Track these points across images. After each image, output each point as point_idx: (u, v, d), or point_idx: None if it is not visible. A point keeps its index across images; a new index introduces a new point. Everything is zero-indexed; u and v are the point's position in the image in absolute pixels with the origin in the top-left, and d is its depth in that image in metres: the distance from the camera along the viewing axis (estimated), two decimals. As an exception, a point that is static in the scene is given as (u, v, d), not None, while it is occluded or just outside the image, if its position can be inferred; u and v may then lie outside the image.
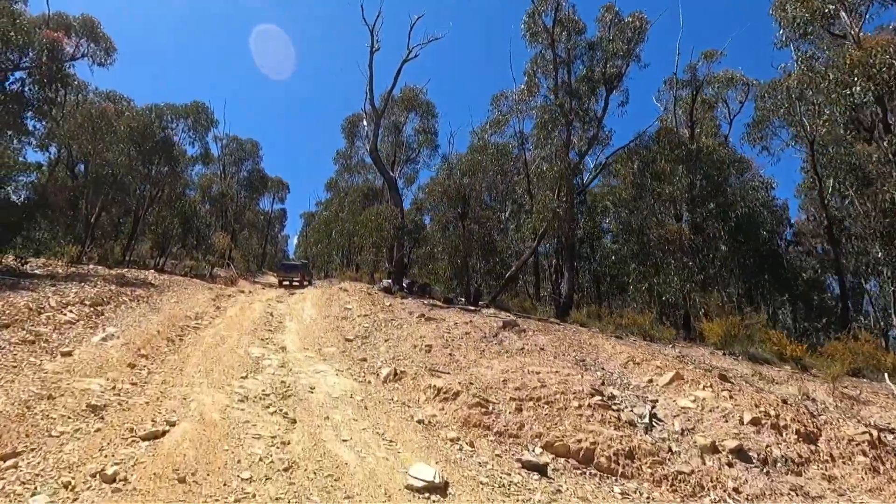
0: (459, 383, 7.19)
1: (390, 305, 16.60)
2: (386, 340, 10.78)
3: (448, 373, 8.16)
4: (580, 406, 6.95)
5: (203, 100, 28.24)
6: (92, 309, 9.94)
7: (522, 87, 19.35)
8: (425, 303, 16.42)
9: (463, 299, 17.62)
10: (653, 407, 7.70)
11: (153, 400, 5.95)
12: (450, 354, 9.03)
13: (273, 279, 34.17)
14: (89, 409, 5.38)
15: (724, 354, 12.26)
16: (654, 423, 7.18)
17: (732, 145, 21.71)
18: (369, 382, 8.04)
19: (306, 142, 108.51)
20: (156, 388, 6.39)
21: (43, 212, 19.17)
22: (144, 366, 7.24)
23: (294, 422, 5.89)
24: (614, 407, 7.31)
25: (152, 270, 18.20)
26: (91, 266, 18.63)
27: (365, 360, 9.55)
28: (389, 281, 22.87)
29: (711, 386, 8.36)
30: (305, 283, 30.67)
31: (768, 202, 23.09)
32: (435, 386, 7.18)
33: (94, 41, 21.32)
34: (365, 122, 26.98)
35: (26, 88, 15.74)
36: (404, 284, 22.38)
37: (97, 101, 27.83)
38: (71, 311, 9.10)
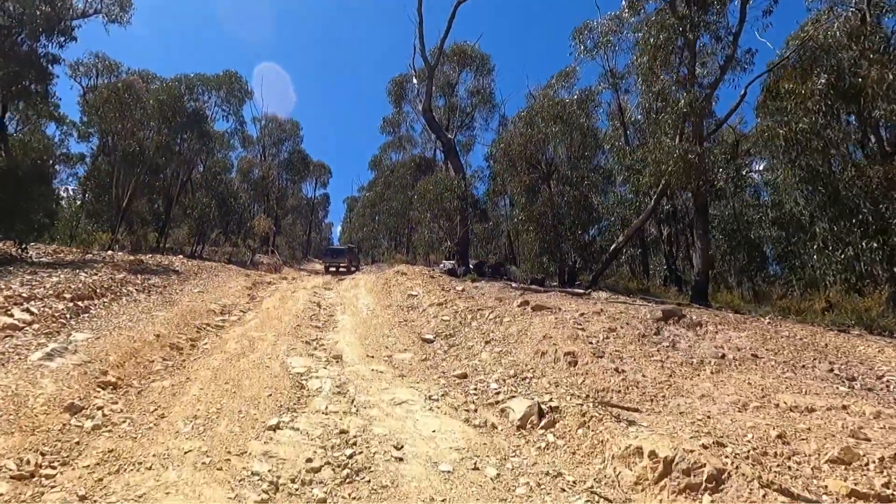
0: (690, 446, 3.45)
1: (464, 290, 13.04)
2: (487, 342, 7.19)
3: (637, 409, 4.45)
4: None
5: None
6: (69, 305, 6.94)
7: (623, 5, 14.93)
8: (513, 286, 12.74)
9: (556, 281, 13.80)
10: None
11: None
12: (615, 370, 5.30)
13: (319, 266, 31.70)
14: None
15: None
16: None
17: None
18: (494, 428, 4.47)
19: (347, 126, 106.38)
20: (76, 482, 3.04)
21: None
22: (95, 411, 3.98)
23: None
24: None
25: (180, 256, 15.65)
26: (118, 253, 16.21)
27: (465, 376, 6.00)
28: (452, 262, 19.34)
29: None
30: (353, 268, 27.91)
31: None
32: (638, 449, 3.48)
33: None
34: (415, 81, 23.27)
35: (24, 43, 13.14)
36: (471, 265, 18.80)
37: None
38: (27, 310, 6.09)
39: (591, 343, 6.30)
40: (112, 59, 29.18)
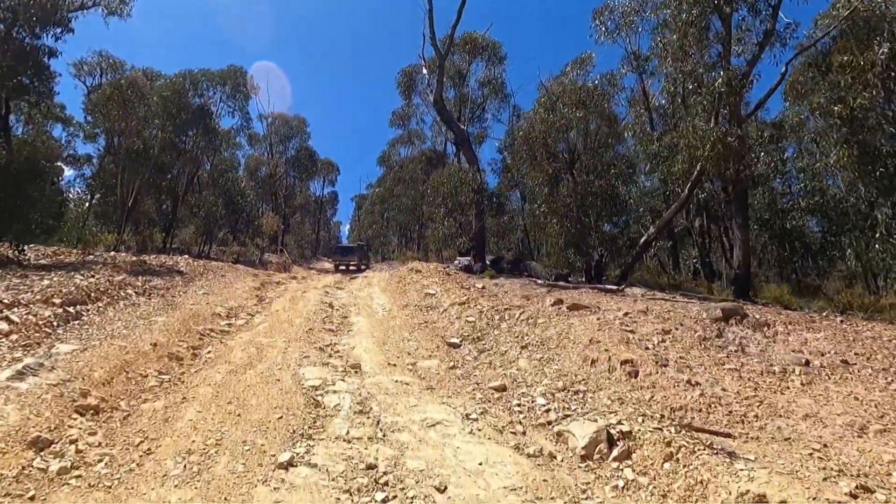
0: (833, 494, 2.62)
1: (484, 288, 12.24)
2: (523, 347, 6.38)
3: (729, 434, 3.63)
4: None
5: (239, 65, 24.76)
6: (58, 311, 6.25)
7: (649, -21, 13.95)
8: (538, 283, 11.91)
9: (582, 276, 12.94)
10: None
11: None
12: (687, 382, 4.48)
13: (328, 265, 31.09)
14: None
15: None
16: None
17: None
18: (553, 459, 3.67)
19: (354, 124, 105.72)
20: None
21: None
22: (67, 447, 3.23)
23: None
24: None
25: (185, 256, 15.02)
26: (122, 254, 15.63)
27: (504, 388, 5.20)
28: (468, 258, 18.54)
29: None
30: (363, 266, 27.25)
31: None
32: (761, 498, 2.65)
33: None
34: (425, 71, 22.44)
35: (19, 36, 12.50)
36: (488, 261, 17.98)
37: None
38: (6, 318, 5.39)
39: (646, 348, 5.46)
40: (116, 57, 28.67)
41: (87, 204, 29.80)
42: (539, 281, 12.18)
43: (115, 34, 41.63)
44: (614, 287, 10.17)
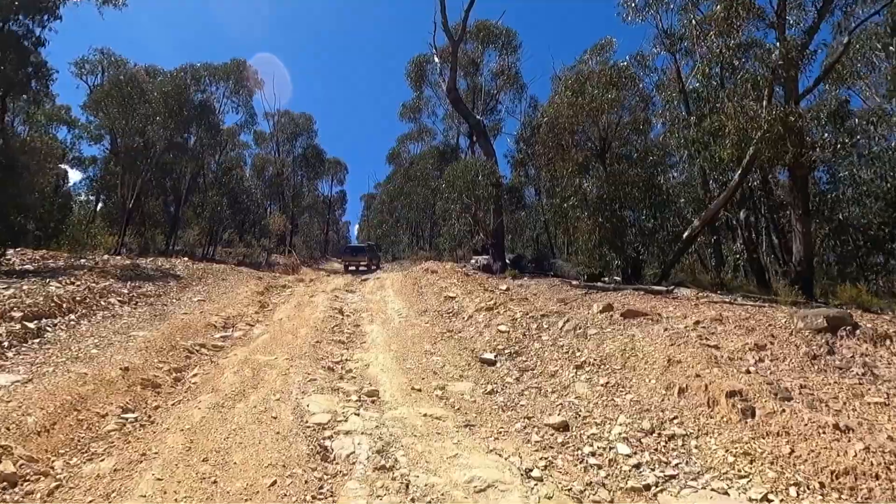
0: None
1: (509, 290, 11.04)
2: (577, 367, 5.16)
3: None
4: None
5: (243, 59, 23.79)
6: (13, 328, 5.18)
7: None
8: (573, 284, 10.68)
9: (618, 276, 11.66)
10: None
11: None
12: (833, 426, 3.23)
13: (338, 265, 30.10)
14: None
15: None
16: None
17: None
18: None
19: (361, 123, 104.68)
20: None
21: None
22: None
23: None
24: None
25: (185, 259, 14.02)
26: (117, 257, 14.69)
27: (566, 427, 4.00)
28: (486, 257, 17.34)
29: None
30: (373, 266, 26.22)
31: None
32: None
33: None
34: (437, 59, 21.25)
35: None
36: (508, 260, 16.77)
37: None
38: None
39: (747, 371, 4.22)
40: (118, 54, 27.89)
41: (93, 207, 29.21)
42: (573, 282, 10.94)
43: (116, 33, 41.01)
44: (662, 288, 8.89)
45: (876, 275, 11.88)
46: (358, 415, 4.31)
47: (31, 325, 5.38)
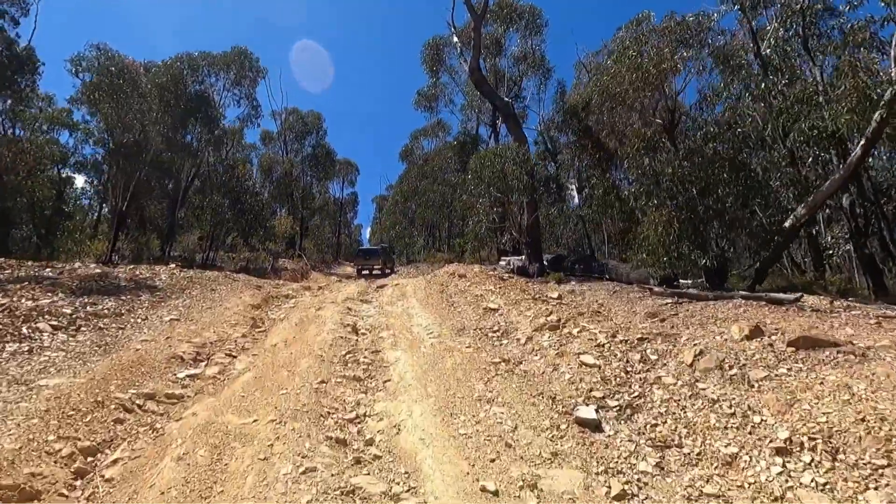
0: None
1: (560, 298, 8.82)
2: (776, 452, 2.91)
3: None
4: None
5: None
6: None
7: None
8: (656, 291, 8.39)
9: (696, 278, 9.32)
10: None
11: None
12: None
13: (350, 269, 28.13)
14: None
15: None
16: None
17: None
18: None
19: (371, 124, 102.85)
20: None
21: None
22: None
23: None
24: None
25: (173, 266, 12.07)
26: (93, 265, 12.77)
27: None
28: (518, 258, 15.10)
29: None
30: (388, 270, 24.22)
31: None
32: None
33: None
34: (455, 39, 19.09)
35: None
36: (545, 261, 14.50)
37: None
38: None
39: None
40: (114, 50, 26.29)
41: (97, 212, 27.66)
42: (639, 288, 8.65)
43: (117, 33, 39.69)
44: (787, 297, 6.56)
45: None
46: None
47: None
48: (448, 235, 31.32)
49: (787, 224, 8.80)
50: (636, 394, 4.11)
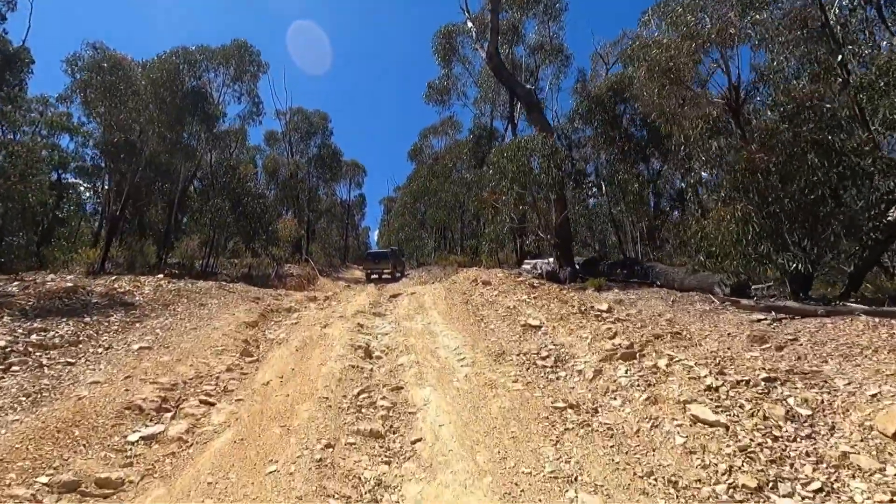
0: None
1: (610, 311, 7.33)
2: None
3: None
4: None
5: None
6: None
7: None
8: (747, 304, 6.88)
9: (777, 287, 7.76)
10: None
11: None
12: None
13: (359, 273, 26.82)
14: None
15: None
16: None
17: None
18: None
19: (378, 124, 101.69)
20: None
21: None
22: None
23: None
24: None
25: (160, 276, 10.76)
26: (72, 276, 11.52)
27: None
28: (546, 261, 13.60)
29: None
30: (398, 273, 22.89)
31: None
32: None
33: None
34: (469, 24, 17.66)
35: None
36: (577, 264, 13.01)
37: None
38: None
39: None
40: (111, 49, 25.22)
41: (99, 219, 26.61)
42: (725, 298, 7.10)
43: (116, 33, 38.82)
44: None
45: None
46: None
47: None
48: (461, 237, 29.86)
49: (891, 217, 7.23)
50: (811, 483, 2.62)
